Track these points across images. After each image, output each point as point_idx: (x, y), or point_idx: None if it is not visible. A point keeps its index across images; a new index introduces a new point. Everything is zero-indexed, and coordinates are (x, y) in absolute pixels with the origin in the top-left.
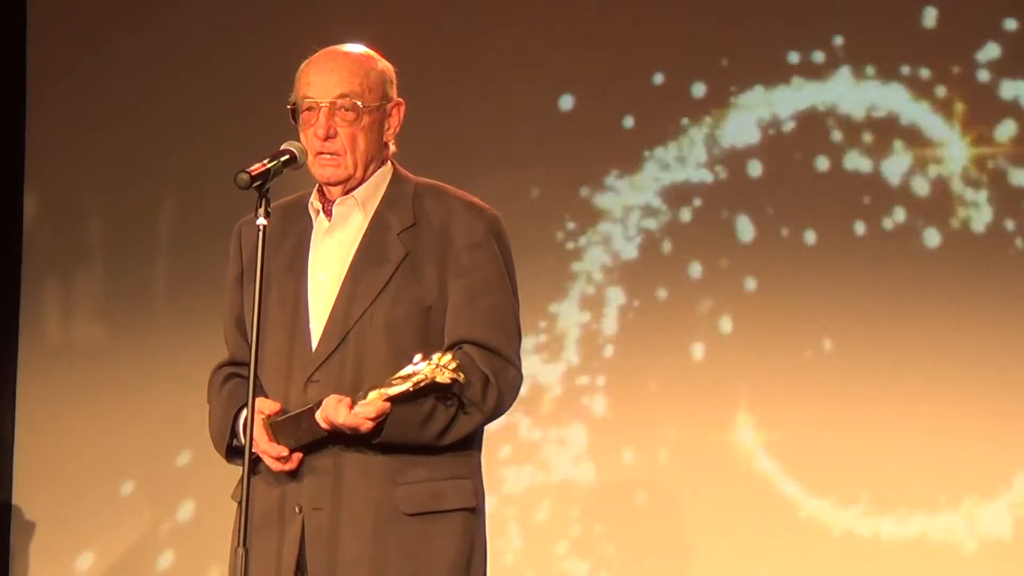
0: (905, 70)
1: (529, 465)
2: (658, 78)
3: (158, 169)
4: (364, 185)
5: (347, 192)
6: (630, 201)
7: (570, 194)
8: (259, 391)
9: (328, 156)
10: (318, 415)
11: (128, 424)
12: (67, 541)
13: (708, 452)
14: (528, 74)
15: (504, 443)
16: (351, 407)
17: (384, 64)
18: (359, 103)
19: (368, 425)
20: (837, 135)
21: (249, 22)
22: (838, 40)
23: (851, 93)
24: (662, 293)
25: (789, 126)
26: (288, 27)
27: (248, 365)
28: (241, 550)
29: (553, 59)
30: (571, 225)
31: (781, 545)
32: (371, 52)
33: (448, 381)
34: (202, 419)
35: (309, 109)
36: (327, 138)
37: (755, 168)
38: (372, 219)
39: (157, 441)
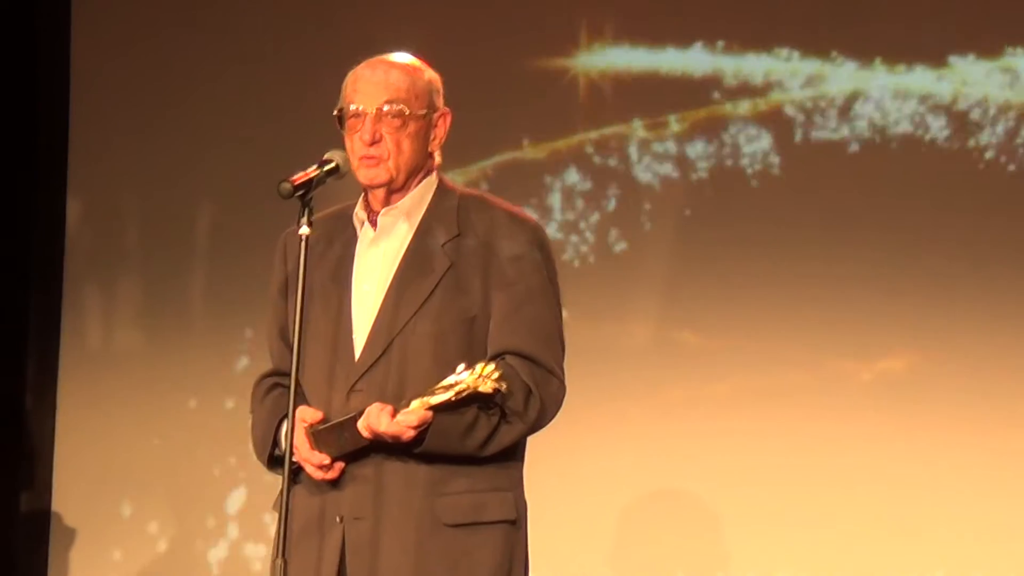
0: None
1: None
2: None
3: (200, 175)
4: (409, 195)
5: (391, 201)
6: None
7: None
8: (301, 400)
9: (372, 159)
10: (360, 424)
11: (167, 429)
12: (106, 547)
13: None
14: None
15: None
16: (393, 415)
17: (431, 74)
18: (406, 110)
19: (410, 434)
20: None
21: (293, 28)
22: None
23: None
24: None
25: None
26: (333, 34)
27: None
28: (280, 561)
29: None
30: None
31: None
32: (418, 62)
33: (491, 391)
34: (242, 424)
35: (355, 115)
36: (372, 143)
37: None
38: (417, 230)
39: (196, 447)
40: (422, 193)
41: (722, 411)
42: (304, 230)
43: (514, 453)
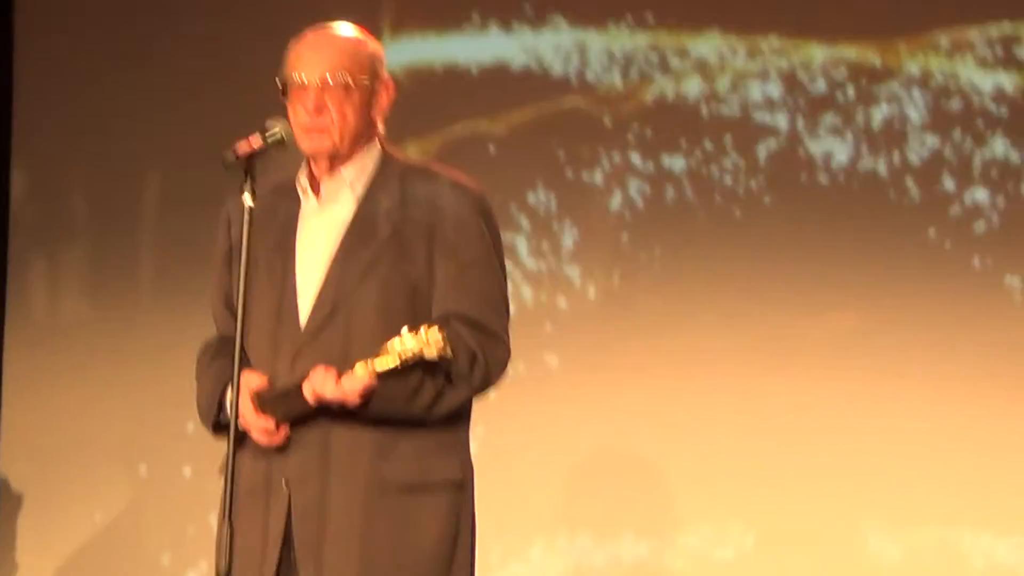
0: None
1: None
2: None
3: (144, 146)
4: (352, 163)
5: (334, 169)
6: None
7: None
8: (247, 367)
9: (316, 129)
10: (305, 388)
11: (114, 399)
12: (53, 515)
13: None
14: None
15: None
16: (338, 379)
17: (374, 44)
18: (349, 80)
19: (355, 400)
20: None
21: None
22: None
23: None
24: None
25: None
26: (275, 4)
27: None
28: (226, 524)
29: None
30: None
31: None
32: (361, 32)
33: (435, 356)
34: (189, 394)
35: (299, 85)
36: (317, 112)
37: None
38: (361, 197)
39: (143, 416)
40: (365, 161)
41: (672, 369)
42: (247, 200)
43: (460, 416)
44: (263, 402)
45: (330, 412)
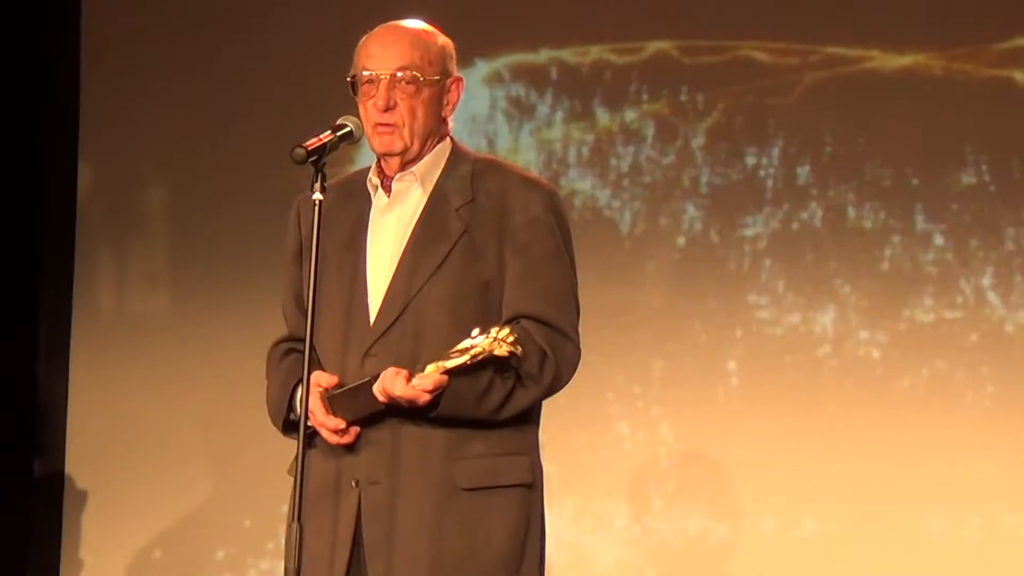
0: None
1: None
2: None
3: (214, 139)
4: (423, 161)
5: (405, 167)
6: None
7: None
8: (316, 366)
9: (386, 127)
10: (375, 388)
11: (180, 395)
12: (119, 510)
13: None
14: None
15: None
16: (408, 379)
17: (444, 39)
18: (419, 76)
19: (426, 398)
20: None
21: None
22: None
23: None
24: None
25: None
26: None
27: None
28: (296, 525)
29: None
30: None
31: None
32: (431, 27)
33: (506, 354)
34: (258, 391)
35: (369, 81)
36: (386, 109)
37: None
38: (431, 195)
39: (211, 412)
40: (436, 158)
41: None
42: (317, 196)
43: (530, 417)
44: (333, 401)
45: (400, 412)
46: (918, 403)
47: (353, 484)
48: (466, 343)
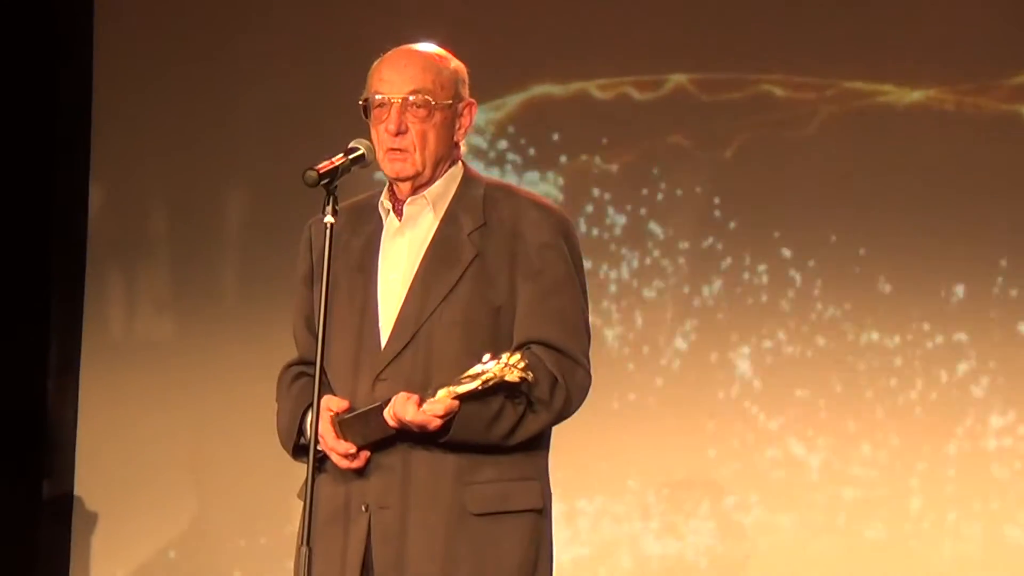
0: None
1: None
2: None
3: (225, 162)
4: (435, 185)
5: (417, 191)
6: None
7: None
8: (327, 390)
9: (398, 152)
10: (386, 412)
11: (190, 416)
12: (128, 532)
13: None
14: None
15: None
16: (419, 404)
17: (456, 63)
18: (431, 100)
19: (436, 423)
20: None
21: (320, 17)
22: None
23: None
24: None
25: None
26: (362, 24)
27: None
28: (305, 549)
29: None
30: None
31: None
32: (444, 51)
33: (516, 380)
34: (267, 415)
35: (381, 105)
36: (398, 134)
37: None
38: (443, 219)
39: (221, 433)
40: (447, 183)
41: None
42: (329, 219)
43: (540, 442)
44: (343, 426)
45: (411, 437)
46: None
47: (363, 509)
48: (477, 368)
